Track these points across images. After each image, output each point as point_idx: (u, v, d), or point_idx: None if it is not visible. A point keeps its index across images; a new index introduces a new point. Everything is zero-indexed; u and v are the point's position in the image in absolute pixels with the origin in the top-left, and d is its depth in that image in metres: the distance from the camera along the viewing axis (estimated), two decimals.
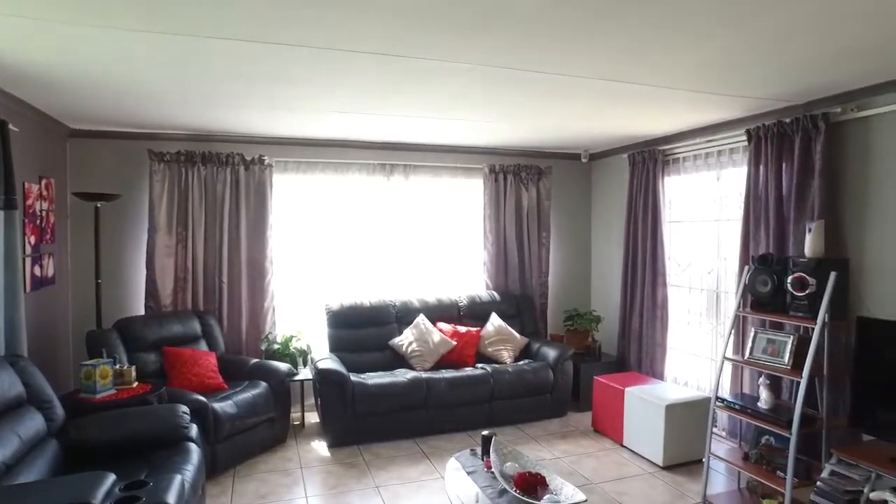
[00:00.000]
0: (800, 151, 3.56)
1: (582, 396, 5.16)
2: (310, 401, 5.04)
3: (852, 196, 3.39)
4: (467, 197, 5.76)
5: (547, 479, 2.72)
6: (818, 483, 2.77)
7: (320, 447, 4.37)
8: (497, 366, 4.93)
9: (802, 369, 3.03)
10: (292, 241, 5.22)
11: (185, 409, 3.24)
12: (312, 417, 4.96)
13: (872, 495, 2.57)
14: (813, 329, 3.08)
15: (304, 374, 4.80)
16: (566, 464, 4.08)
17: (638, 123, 4.40)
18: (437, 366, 4.89)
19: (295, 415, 4.87)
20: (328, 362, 4.47)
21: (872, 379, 2.86)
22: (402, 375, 4.61)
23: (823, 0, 2.09)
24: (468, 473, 3.01)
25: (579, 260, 6.24)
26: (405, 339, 4.99)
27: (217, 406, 3.74)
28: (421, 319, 5.09)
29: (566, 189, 6.12)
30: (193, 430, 3.21)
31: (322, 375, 4.33)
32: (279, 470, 3.94)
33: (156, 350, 4.21)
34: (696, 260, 4.80)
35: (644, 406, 4.14)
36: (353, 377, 4.44)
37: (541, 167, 5.80)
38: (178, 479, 2.57)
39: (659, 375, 4.90)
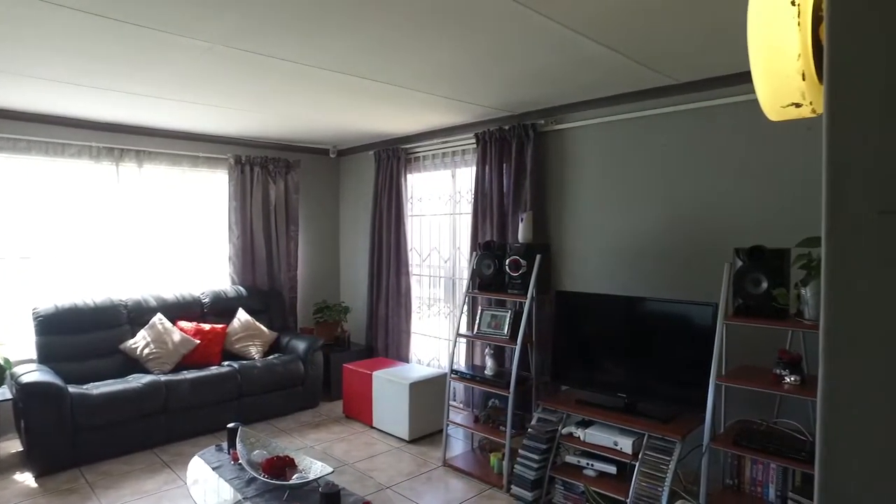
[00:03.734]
0: (516, 155, 4.17)
1: (333, 385, 5.27)
2: (11, 428, 4.22)
3: (553, 193, 4.10)
4: (211, 188, 5.43)
5: (296, 461, 2.75)
6: (528, 430, 3.31)
7: (24, 479, 3.66)
8: (245, 362, 4.75)
9: (517, 338, 3.58)
10: None
11: None
12: (12, 446, 4.16)
13: (564, 430, 3.19)
14: (525, 303, 3.65)
15: (1, 393, 3.99)
16: (319, 450, 4.13)
17: (382, 122, 4.65)
18: (179, 367, 4.52)
19: None
20: (36, 374, 3.78)
21: (567, 341, 3.51)
22: (137, 381, 4.15)
23: (519, 30, 2.52)
24: (214, 469, 2.87)
25: (328, 253, 6.35)
26: (140, 342, 4.50)
27: None
28: (158, 319, 4.64)
29: (315, 183, 6.17)
30: None
31: (27, 391, 3.64)
32: None
33: None
34: (435, 250, 5.27)
35: (390, 387, 4.41)
36: (73, 389, 3.85)
37: (289, 160, 5.74)
38: None
39: (405, 358, 5.26)
